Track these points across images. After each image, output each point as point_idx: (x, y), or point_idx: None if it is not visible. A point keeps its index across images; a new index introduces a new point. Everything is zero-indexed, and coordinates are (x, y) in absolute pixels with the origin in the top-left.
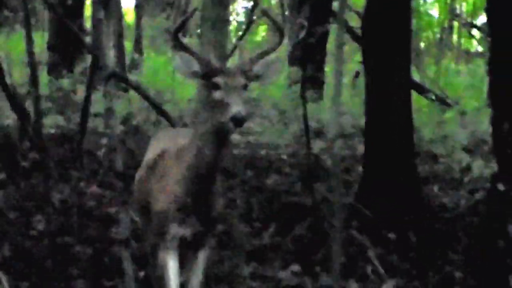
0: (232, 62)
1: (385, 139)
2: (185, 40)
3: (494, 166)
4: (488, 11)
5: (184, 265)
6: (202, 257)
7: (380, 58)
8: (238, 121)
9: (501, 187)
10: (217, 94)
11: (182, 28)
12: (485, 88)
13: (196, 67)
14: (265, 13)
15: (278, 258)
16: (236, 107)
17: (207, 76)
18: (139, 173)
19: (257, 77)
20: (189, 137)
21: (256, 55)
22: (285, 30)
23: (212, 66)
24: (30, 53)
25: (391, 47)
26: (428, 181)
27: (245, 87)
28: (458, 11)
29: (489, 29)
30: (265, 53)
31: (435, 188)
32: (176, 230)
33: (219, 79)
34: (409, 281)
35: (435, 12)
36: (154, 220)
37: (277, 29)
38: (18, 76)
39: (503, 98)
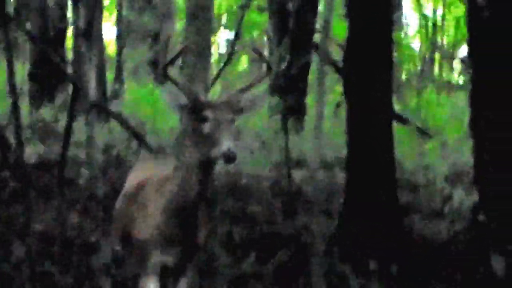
0: (213, 93)
1: (367, 169)
2: (173, 74)
3: (475, 197)
4: (470, 44)
5: None
6: (183, 285)
7: (361, 89)
8: (230, 157)
9: (481, 217)
10: (205, 128)
11: (172, 63)
12: (466, 119)
13: (183, 100)
14: (255, 50)
15: (259, 287)
16: (227, 143)
17: (195, 110)
18: (119, 202)
19: (241, 110)
20: (171, 167)
21: (242, 88)
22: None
23: (200, 99)
24: (11, 83)
25: (373, 79)
26: (409, 211)
27: (233, 121)
28: (439, 44)
29: (471, 61)
30: (251, 86)
31: (416, 218)
32: (158, 259)
33: (208, 113)
34: None
35: (416, 43)
36: (135, 248)
37: (266, 64)
38: None
39: (483, 129)
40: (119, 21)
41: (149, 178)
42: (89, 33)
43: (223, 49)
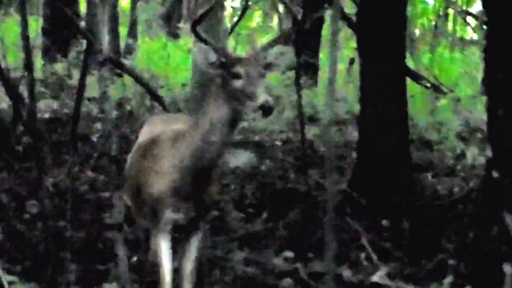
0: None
1: (379, 126)
2: (202, 31)
3: (488, 154)
4: (485, 1)
5: (177, 250)
6: (195, 242)
7: (374, 44)
8: (268, 109)
9: (495, 174)
10: (237, 84)
11: (201, 21)
12: (480, 75)
13: (213, 57)
14: (281, 1)
15: (271, 244)
16: (264, 96)
17: (226, 66)
18: (132, 157)
19: (269, 66)
20: (188, 123)
21: (268, 43)
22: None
23: (231, 56)
24: (25, 37)
25: (386, 34)
26: (422, 168)
27: (263, 75)
28: None
29: (486, 17)
30: (276, 41)
31: (429, 176)
32: (170, 216)
33: (239, 69)
34: (403, 268)
35: None
36: (147, 204)
37: (292, 17)
38: (12, 60)
39: (498, 85)
40: None
41: (163, 133)
42: None
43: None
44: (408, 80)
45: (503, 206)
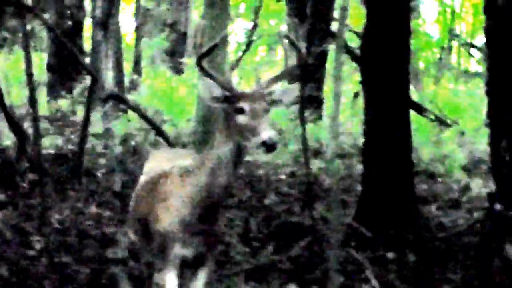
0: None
1: (384, 159)
2: (207, 66)
3: (492, 186)
4: (486, 32)
5: (183, 284)
6: (202, 277)
7: (379, 78)
8: (271, 146)
9: (498, 207)
10: (241, 119)
11: (206, 55)
12: (484, 108)
13: (218, 92)
14: (286, 36)
15: (276, 277)
16: (267, 132)
17: (230, 101)
18: (137, 193)
19: (273, 102)
20: (194, 158)
21: (273, 78)
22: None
23: (235, 90)
24: (29, 74)
25: (390, 67)
26: (427, 200)
27: (267, 111)
28: (457, 31)
29: (487, 50)
30: (281, 76)
31: (434, 208)
32: (178, 251)
33: (243, 104)
34: None
35: (435, 31)
36: (155, 240)
37: (297, 52)
38: (16, 97)
39: (501, 117)
40: (137, 11)
41: (170, 169)
42: (106, 23)
43: (241, 38)
44: (412, 113)
45: (506, 238)
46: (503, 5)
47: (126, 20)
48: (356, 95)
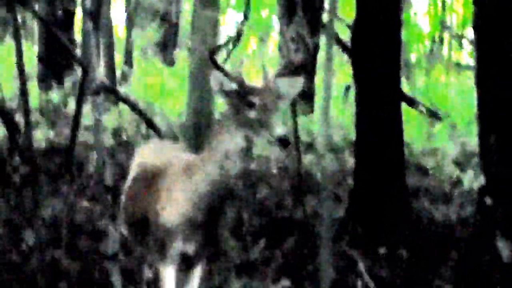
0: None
1: (375, 153)
2: (218, 60)
3: (483, 180)
4: (476, 24)
5: (181, 280)
6: (197, 273)
7: (370, 70)
8: (286, 141)
9: (488, 201)
10: (251, 113)
11: (218, 50)
12: (475, 100)
13: (229, 86)
14: (298, 33)
15: (268, 272)
16: (280, 129)
17: (241, 95)
18: (131, 188)
19: (279, 96)
20: (180, 151)
21: (280, 72)
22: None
23: (246, 85)
24: (20, 65)
25: (381, 59)
26: (418, 194)
27: (277, 105)
28: (448, 23)
29: (476, 42)
30: (287, 70)
31: (425, 202)
32: (180, 246)
33: (254, 98)
34: None
35: (426, 23)
36: (155, 235)
37: (305, 46)
38: (7, 89)
39: (490, 111)
40: (128, 1)
41: (169, 162)
42: (97, 15)
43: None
44: (404, 106)
45: (497, 232)
46: None
47: (117, 12)
48: (347, 88)
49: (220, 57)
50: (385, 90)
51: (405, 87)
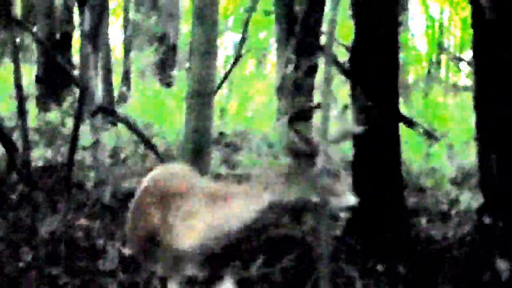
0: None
1: (374, 172)
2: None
3: (480, 199)
4: (474, 46)
5: None
6: None
7: (368, 91)
8: (351, 210)
9: (487, 220)
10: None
11: (298, 115)
12: (473, 121)
13: (303, 149)
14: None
15: None
16: (350, 197)
17: (312, 157)
18: (143, 205)
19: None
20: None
21: (343, 134)
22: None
23: (318, 148)
24: (18, 85)
25: (379, 81)
26: (416, 213)
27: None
28: (446, 45)
29: (475, 64)
30: (349, 133)
31: (423, 221)
32: (191, 271)
33: (324, 162)
34: None
35: (423, 45)
36: (169, 255)
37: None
38: (5, 109)
39: (489, 132)
40: (126, 23)
41: (194, 188)
42: (95, 35)
43: (230, 52)
44: (402, 126)
45: (495, 251)
46: (490, 19)
47: (115, 33)
48: (345, 107)
49: (218, 78)
50: (383, 110)
51: (403, 108)
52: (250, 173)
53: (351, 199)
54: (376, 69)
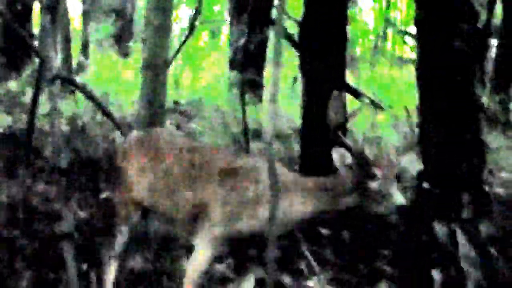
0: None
1: (320, 141)
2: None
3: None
4: (417, 23)
5: None
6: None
7: (316, 63)
8: (403, 212)
9: (426, 185)
10: (373, 185)
11: (340, 127)
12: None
13: (350, 160)
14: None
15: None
16: (400, 198)
17: (363, 167)
18: (156, 180)
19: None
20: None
21: (402, 149)
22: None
23: (367, 158)
24: None
25: (327, 53)
26: None
27: (397, 178)
28: (392, 20)
29: (418, 38)
30: (408, 148)
31: None
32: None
33: (376, 170)
34: (341, 274)
35: (370, 19)
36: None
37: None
38: None
39: (429, 102)
40: None
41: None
42: (54, 7)
43: (185, 24)
44: (348, 97)
45: (433, 215)
46: None
47: (74, 5)
48: (295, 80)
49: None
50: (330, 81)
51: (350, 79)
52: None
53: (400, 199)
54: (324, 42)
